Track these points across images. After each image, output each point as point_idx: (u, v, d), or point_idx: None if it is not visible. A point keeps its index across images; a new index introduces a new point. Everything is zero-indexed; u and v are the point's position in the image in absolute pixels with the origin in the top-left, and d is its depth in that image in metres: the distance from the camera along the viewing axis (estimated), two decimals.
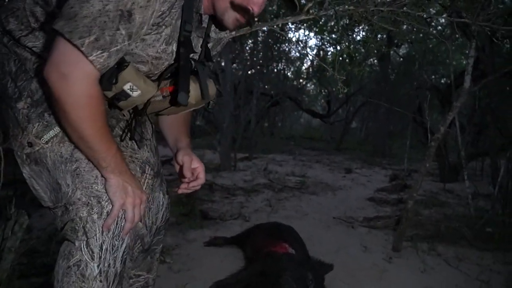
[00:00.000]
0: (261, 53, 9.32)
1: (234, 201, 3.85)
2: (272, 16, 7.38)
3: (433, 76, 10.38)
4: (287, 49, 10.98)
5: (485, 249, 2.67)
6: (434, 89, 6.23)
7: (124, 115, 1.09)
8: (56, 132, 0.93)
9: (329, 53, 11.26)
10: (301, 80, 12.97)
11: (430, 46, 9.51)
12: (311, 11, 2.09)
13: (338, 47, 9.94)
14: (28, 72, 0.95)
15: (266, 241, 2.13)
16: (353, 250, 2.62)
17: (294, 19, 1.98)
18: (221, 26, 1.06)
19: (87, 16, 0.80)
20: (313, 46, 14.04)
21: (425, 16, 1.68)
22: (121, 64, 0.94)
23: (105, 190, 0.95)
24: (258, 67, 9.42)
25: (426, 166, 2.44)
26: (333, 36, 10.15)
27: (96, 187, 0.95)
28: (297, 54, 12.25)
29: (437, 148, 5.04)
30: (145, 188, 1.11)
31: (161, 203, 1.22)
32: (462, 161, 3.74)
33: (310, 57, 12.69)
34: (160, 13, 0.90)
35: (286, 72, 12.28)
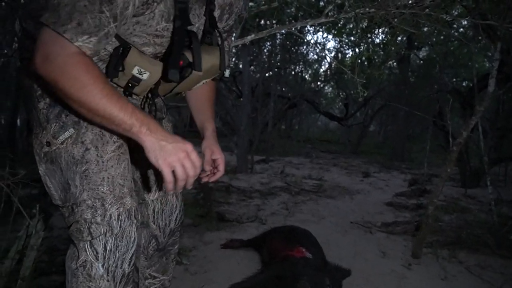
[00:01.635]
0: (279, 56, 9.31)
1: (251, 203, 3.85)
2: (291, 18, 7.37)
3: (454, 79, 10.17)
4: (305, 51, 10.94)
5: (509, 257, 2.59)
6: (455, 92, 6.10)
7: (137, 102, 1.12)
8: (70, 134, 0.96)
9: (348, 55, 11.18)
10: (318, 83, 12.89)
11: (452, 48, 9.32)
12: (330, 14, 2.07)
13: (357, 50, 9.86)
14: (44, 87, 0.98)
15: (283, 244, 2.12)
16: (371, 255, 2.58)
17: (314, 22, 1.97)
18: None
19: (68, 4, 0.80)
20: (331, 48, 13.93)
21: (448, 18, 1.65)
22: (124, 50, 0.95)
23: (153, 158, 0.88)
24: (276, 69, 9.41)
25: (447, 171, 2.39)
26: (352, 38, 10.07)
27: (102, 189, 0.97)
28: (315, 56, 12.20)
29: (459, 153, 4.94)
30: (159, 189, 1.13)
31: (175, 205, 1.24)
32: (484, 166, 3.65)
33: (328, 60, 12.61)
34: None
35: (303, 74, 12.24)
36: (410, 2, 1.92)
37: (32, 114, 1.00)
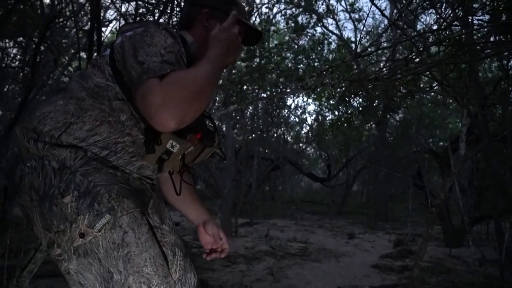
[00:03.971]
0: (261, 119, 9.57)
1: (235, 269, 3.75)
2: (272, 84, 7.72)
3: (430, 140, 10.57)
4: (286, 114, 11.31)
5: None
6: (431, 153, 6.34)
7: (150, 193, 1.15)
8: (107, 219, 0.95)
9: (328, 117, 11.59)
10: (300, 144, 13.19)
11: (425, 111, 9.80)
12: (309, 83, 2.21)
13: (336, 113, 10.25)
14: (70, 168, 0.98)
15: None
16: None
17: (293, 92, 2.10)
18: None
19: (156, 62, 0.92)
20: (312, 111, 14.45)
21: (415, 90, 1.79)
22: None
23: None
24: (259, 132, 9.63)
25: (428, 233, 2.43)
26: (331, 102, 10.52)
27: (146, 270, 0.95)
28: (296, 119, 12.60)
29: (440, 213, 5.02)
30: (179, 269, 1.13)
31: (193, 283, 1.23)
32: (465, 226, 3.71)
33: (309, 122, 13.02)
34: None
35: (285, 136, 12.53)
36: (382, 74, 2.08)
37: (50, 214, 0.97)
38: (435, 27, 2.38)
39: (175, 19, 3.16)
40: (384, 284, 3.34)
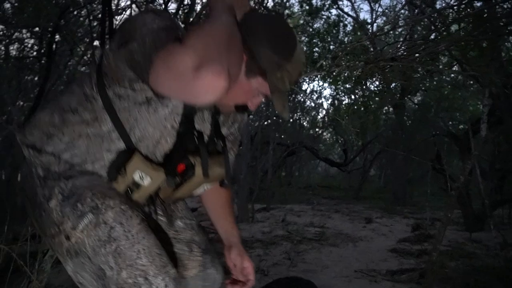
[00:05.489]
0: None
1: (253, 254, 3.77)
2: None
3: (450, 122, 10.33)
4: (302, 99, 11.21)
5: None
6: (451, 135, 6.19)
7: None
8: (89, 219, 0.91)
9: (344, 102, 11.43)
10: (317, 129, 13.08)
11: (445, 93, 9.55)
12: (324, 64, 2.17)
13: (353, 97, 10.10)
14: (55, 173, 0.96)
15: None
16: None
17: (307, 75, 2.06)
18: None
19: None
20: (328, 96, 14.28)
21: (433, 69, 1.73)
22: (127, 153, 0.95)
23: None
24: (274, 118, 9.59)
25: (448, 217, 2.38)
26: (347, 86, 10.36)
27: (141, 262, 0.91)
28: (312, 104, 12.48)
29: (460, 196, 4.92)
30: (197, 265, 1.10)
31: (216, 279, 1.20)
32: (486, 209, 3.63)
33: (325, 107, 12.89)
34: None
35: (301, 121, 12.44)
36: (399, 54, 2.02)
37: (41, 220, 0.96)
38: (455, 3, 2.29)
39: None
40: (402, 268, 3.31)
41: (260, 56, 0.86)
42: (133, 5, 3.81)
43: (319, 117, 13.15)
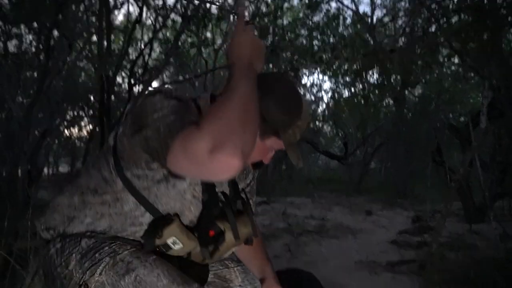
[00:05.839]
0: None
1: None
2: (286, 62, 7.62)
3: (450, 115, 10.32)
4: (302, 93, 11.18)
5: None
6: (452, 128, 6.18)
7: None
8: (107, 261, 0.93)
9: (344, 95, 11.41)
10: (317, 123, 13.06)
11: (446, 85, 9.52)
12: (324, 57, 2.16)
13: (353, 90, 10.09)
14: (75, 235, 0.99)
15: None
16: None
17: (307, 67, 2.05)
18: None
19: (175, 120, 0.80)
20: (328, 89, 14.25)
21: (432, 61, 1.72)
22: (167, 218, 0.97)
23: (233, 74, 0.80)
24: None
25: (447, 208, 2.38)
26: (347, 79, 10.34)
27: (162, 283, 0.92)
28: (312, 97, 12.45)
29: (460, 188, 4.93)
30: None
31: None
32: (487, 201, 3.63)
33: (325, 100, 12.87)
34: None
35: None
36: (398, 46, 2.02)
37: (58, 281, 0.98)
38: None
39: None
40: (402, 260, 3.33)
41: (272, 118, 0.94)
42: (130, 0, 3.78)
43: (319, 110, 13.14)
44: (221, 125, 0.68)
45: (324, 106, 12.96)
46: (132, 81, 5.88)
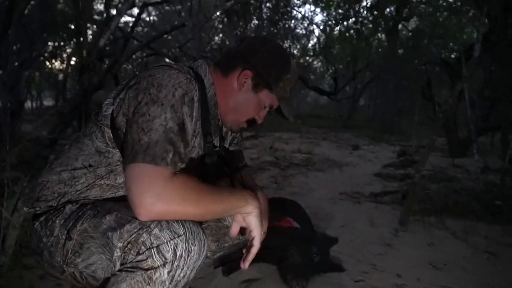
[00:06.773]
0: (265, 31, 9.16)
1: None
2: None
3: (442, 51, 10.15)
4: (292, 25, 10.79)
5: (494, 222, 2.63)
6: (443, 63, 6.09)
7: None
8: (88, 214, 0.98)
9: (336, 29, 11.04)
10: (307, 58, 12.78)
11: (440, 19, 9.25)
12: None
13: (345, 23, 9.73)
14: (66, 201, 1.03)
15: (270, 215, 2.12)
16: (359, 224, 2.60)
17: None
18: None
19: (158, 141, 0.87)
20: (319, 22, 13.77)
21: None
22: None
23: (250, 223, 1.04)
24: None
25: (433, 139, 2.39)
26: (340, 11, 9.92)
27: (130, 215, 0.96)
28: (303, 31, 12.05)
29: (446, 123, 4.97)
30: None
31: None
32: (471, 135, 3.67)
33: (317, 34, 12.46)
34: (195, 120, 0.98)
35: (292, 49, 12.10)
36: None
37: (50, 254, 1.00)
38: None
39: None
40: (385, 191, 3.42)
41: (264, 71, 1.07)
42: None
43: (310, 45, 12.79)
44: (183, 205, 0.85)
45: (315, 40, 12.59)
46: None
